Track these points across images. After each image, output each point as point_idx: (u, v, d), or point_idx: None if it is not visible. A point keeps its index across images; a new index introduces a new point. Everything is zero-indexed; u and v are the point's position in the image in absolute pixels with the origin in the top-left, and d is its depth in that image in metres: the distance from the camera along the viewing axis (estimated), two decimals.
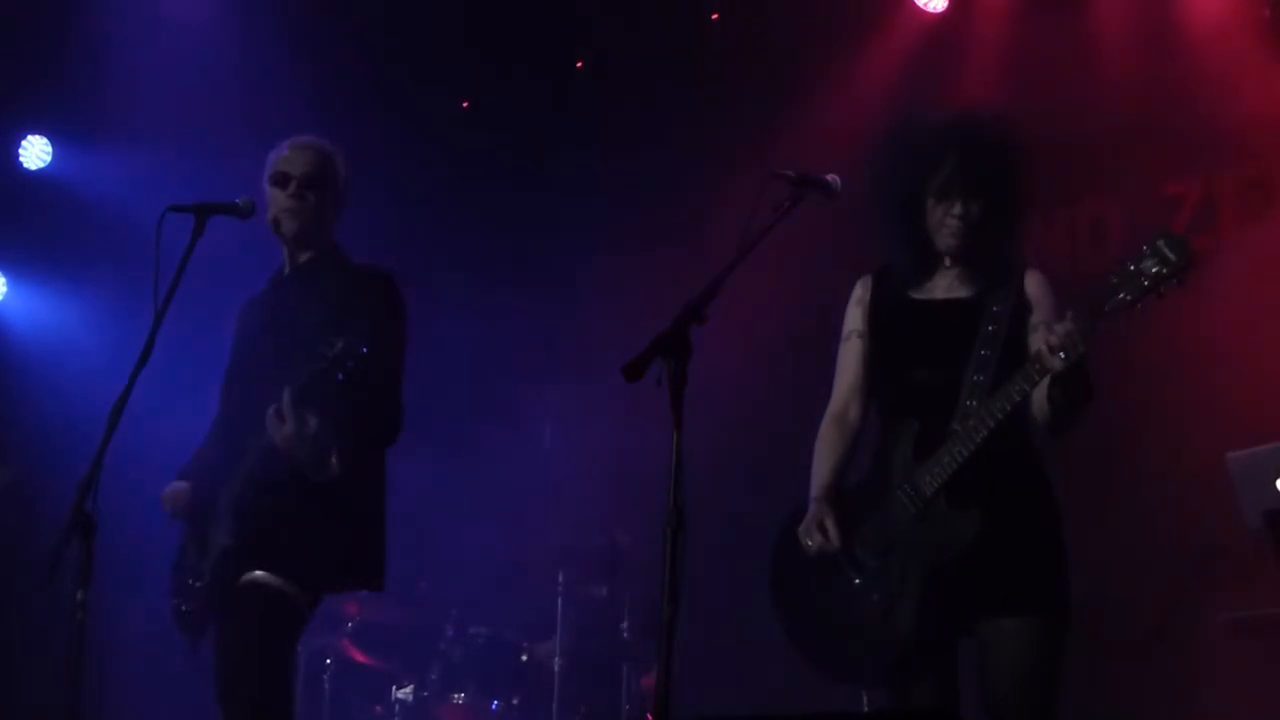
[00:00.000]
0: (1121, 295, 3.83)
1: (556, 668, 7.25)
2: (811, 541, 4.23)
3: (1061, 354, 3.87)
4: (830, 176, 3.93)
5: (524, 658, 7.38)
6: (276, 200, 4.80)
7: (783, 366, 7.40)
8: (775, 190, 3.88)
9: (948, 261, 4.30)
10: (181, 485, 4.84)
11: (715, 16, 8.16)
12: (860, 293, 4.46)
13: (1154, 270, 3.80)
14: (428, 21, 8.03)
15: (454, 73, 8.39)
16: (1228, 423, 6.19)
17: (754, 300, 5.85)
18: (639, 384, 3.50)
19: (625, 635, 7.41)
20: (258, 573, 4.55)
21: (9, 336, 8.26)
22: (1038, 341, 4.04)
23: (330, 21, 7.98)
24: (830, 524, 4.21)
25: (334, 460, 4.51)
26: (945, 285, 4.31)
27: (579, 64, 8.46)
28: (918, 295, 4.32)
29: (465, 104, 8.61)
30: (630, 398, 3.66)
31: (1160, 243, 3.81)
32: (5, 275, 8.26)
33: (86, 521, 4.03)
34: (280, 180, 4.82)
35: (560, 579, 7.40)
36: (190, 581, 4.73)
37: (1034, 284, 4.23)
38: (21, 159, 8.18)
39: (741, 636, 6.73)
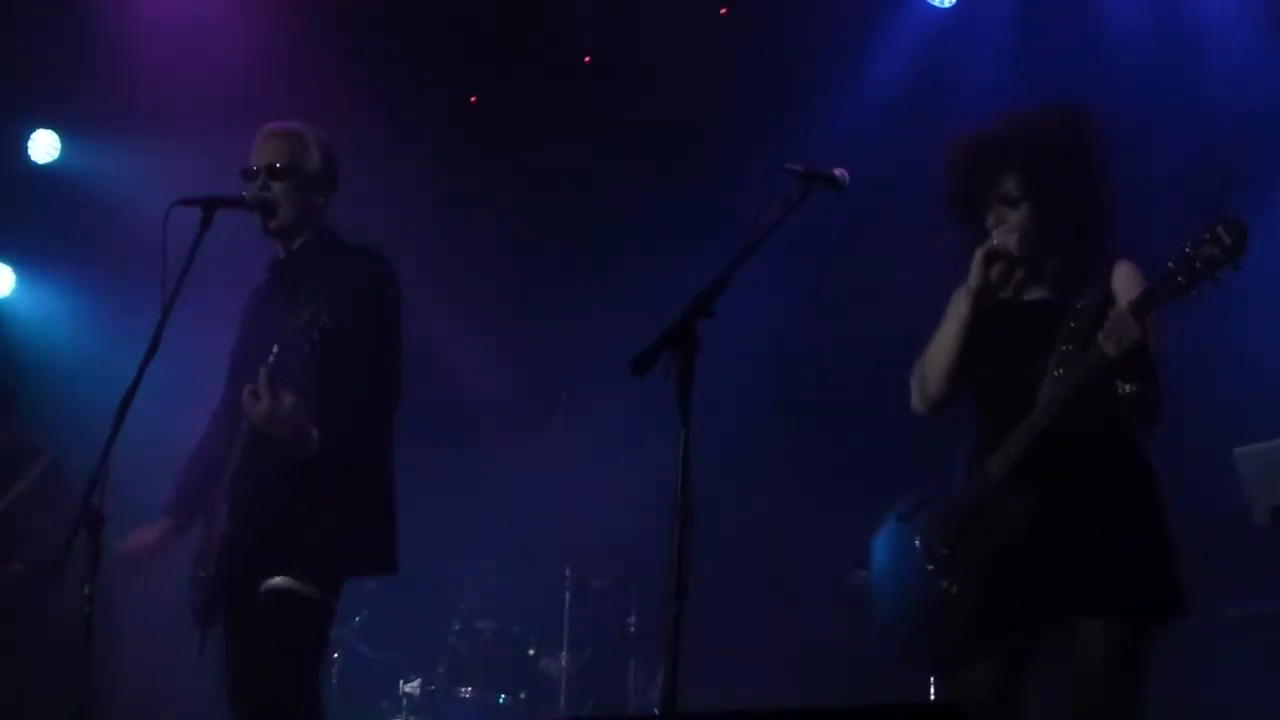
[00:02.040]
0: (1178, 280, 3.82)
1: (564, 662, 7.25)
2: (981, 278, 4.19)
3: (1114, 339, 3.87)
4: (838, 171, 3.89)
5: (531, 652, 7.38)
6: (250, 194, 4.75)
7: (794, 360, 7.38)
8: (783, 185, 3.87)
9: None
10: (142, 537, 4.80)
11: (725, 11, 8.15)
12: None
13: (1210, 254, 3.79)
14: (436, 15, 8.02)
15: (461, 68, 8.39)
16: (1235, 417, 6.17)
17: (764, 295, 5.83)
18: (648, 378, 3.49)
19: (632, 630, 7.41)
20: (277, 579, 4.50)
21: (17, 330, 8.26)
22: None
23: (339, 15, 7.97)
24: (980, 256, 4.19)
25: (314, 435, 4.46)
26: (1029, 287, 4.30)
27: (586, 59, 8.45)
28: (1003, 295, 4.30)
29: (473, 99, 8.60)
30: (639, 391, 3.66)
31: (1219, 228, 3.80)
32: (13, 269, 8.25)
33: (94, 516, 4.03)
34: (248, 174, 4.79)
35: (567, 573, 7.40)
36: (199, 573, 4.73)
37: (1121, 275, 4.20)
38: (30, 153, 8.18)
39: (750, 632, 6.71)
